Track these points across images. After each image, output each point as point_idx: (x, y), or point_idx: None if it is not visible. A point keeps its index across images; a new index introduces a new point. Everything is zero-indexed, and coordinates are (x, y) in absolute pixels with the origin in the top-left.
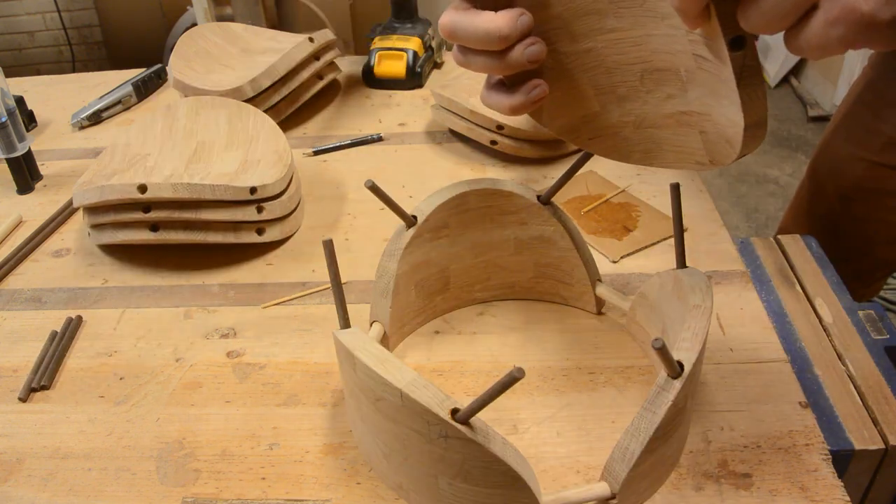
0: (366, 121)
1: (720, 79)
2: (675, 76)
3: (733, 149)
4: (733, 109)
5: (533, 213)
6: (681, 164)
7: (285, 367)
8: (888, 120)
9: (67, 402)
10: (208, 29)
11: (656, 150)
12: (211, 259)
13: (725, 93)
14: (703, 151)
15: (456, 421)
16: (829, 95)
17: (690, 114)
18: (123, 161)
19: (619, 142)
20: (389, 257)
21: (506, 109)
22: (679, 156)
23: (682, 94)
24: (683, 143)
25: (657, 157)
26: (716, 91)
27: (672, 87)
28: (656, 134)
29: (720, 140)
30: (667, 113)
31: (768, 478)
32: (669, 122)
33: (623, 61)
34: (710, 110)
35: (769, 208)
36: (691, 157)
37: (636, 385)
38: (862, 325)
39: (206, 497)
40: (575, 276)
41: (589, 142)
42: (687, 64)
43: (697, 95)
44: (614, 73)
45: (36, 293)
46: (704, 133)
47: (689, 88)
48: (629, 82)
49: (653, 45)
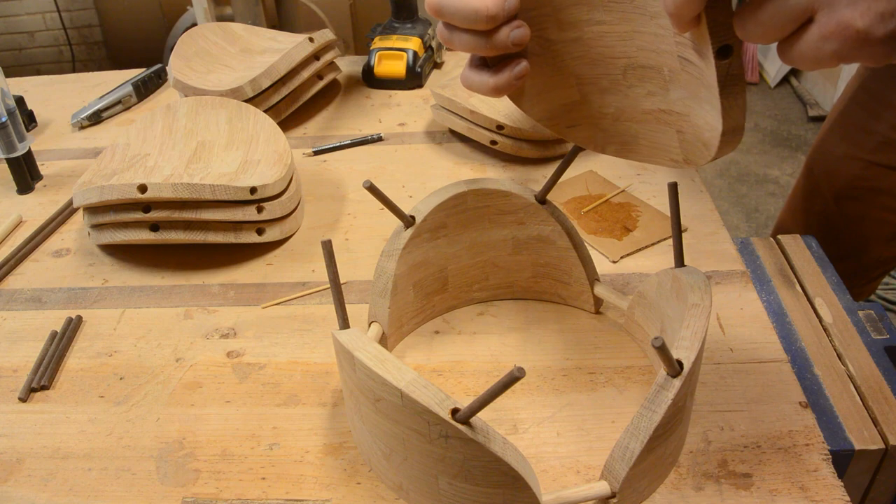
0: (366, 121)
1: (703, 84)
2: (658, 74)
3: (709, 151)
4: (713, 114)
5: (531, 212)
6: (655, 160)
7: (285, 367)
8: (882, 119)
9: (67, 402)
10: (208, 29)
11: (632, 144)
12: (211, 259)
13: (707, 98)
14: (678, 150)
15: (456, 421)
16: (829, 95)
17: (670, 112)
18: (123, 161)
19: (597, 132)
20: (388, 257)
21: (488, 90)
22: (655, 151)
23: (664, 92)
24: (659, 139)
25: (633, 151)
26: (697, 95)
27: (654, 84)
28: (634, 128)
29: (696, 142)
30: (646, 109)
31: (768, 478)
32: (648, 118)
33: (608, 54)
34: (690, 111)
35: (769, 208)
36: (666, 155)
37: (636, 385)
38: (862, 325)
39: (206, 497)
40: (573, 276)
41: (567, 130)
42: (671, 65)
43: (679, 96)
44: (598, 65)
45: (36, 293)
46: (681, 133)
47: (670, 88)
48: (612, 75)
49: (639, 42)
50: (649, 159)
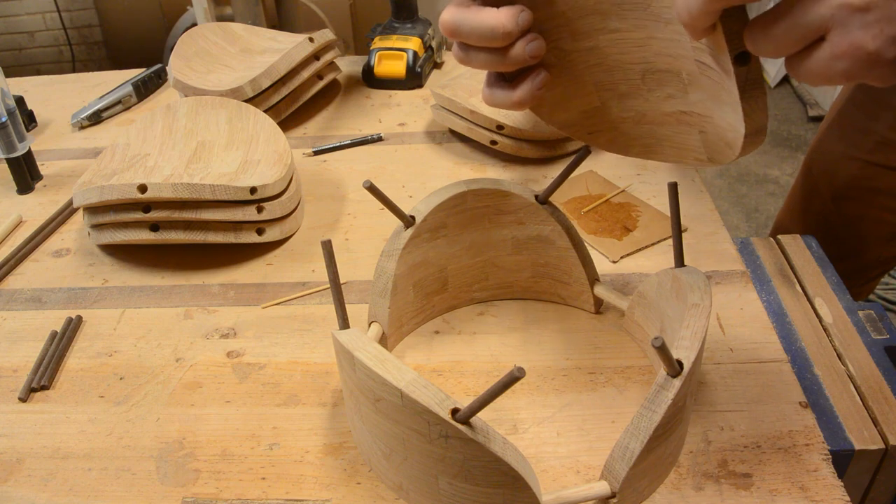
0: (366, 121)
1: (723, 87)
2: (676, 78)
3: (732, 151)
4: (735, 117)
5: (531, 212)
6: (680, 160)
7: (285, 367)
8: (880, 119)
9: (67, 402)
10: (208, 29)
11: (656, 146)
12: (211, 259)
13: (727, 101)
14: (702, 149)
15: (456, 421)
16: (829, 95)
17: (691, 114)
18: (123, 161)
19: (619, 136)
20: (388, 257)
21: (510, 104)
22: (678, 152)
23: (683, 95)
24: (683, 140)
25: (657, 152)
26: (717, 97)
27: (673, 87)
28: (656, 130)
29: (719, 142)
30: (667, 111)
31: (768, 478)
32: (669, 119)
33: (625, 60)
34: (711, 113)
35: (769, 208)
36: (690, 154)
37: (636, 385)
38: (862, 325)
39: (206, 497)
40: (573, 276)
41: (588, 136)
42: (689, 68)
43: (699, 98)
44: (615, 72)
45: (36, 293)
46: (704, 133)
47: (690, 91)
48: (630, 80)
49: (655, 48)
50: (674, 159)
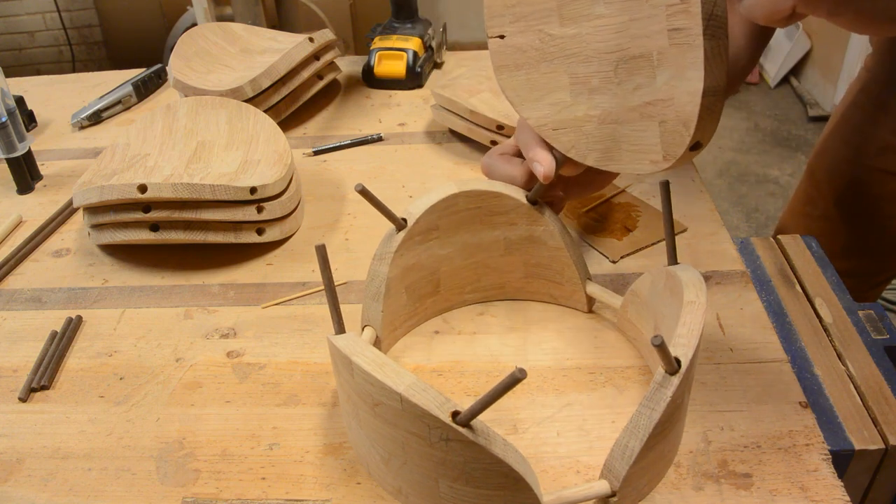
0: (366, 121)
1: (690, 48)
2: (647, 63)
3: (687, 130)
4: (696, 79)
5: (522, 213)
6: (634, 165)
7: (285, 367)
8: (883, 125)
9: (67, 402)
10: (208, 29)
11: (614, 150)
12: (211, 259)
13: (692, 62)
14: (658, 147)
15: (457, 423)
16: (829, 95)
17: (654, 103)
18: (123, 161)
19: (581, 137)
20: (380, 261)
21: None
22: (635, 155)
23: (651, 81)
24: (641, 139)
25: (613, 158)
26: (682, 66)
27: (642, 75)
28: (617, 130)
29: (678, 126)
30: (632, 106)
31: (768, 478)
32: (633, 115)
33: (602, 49)
34: (674, 92)
35: (769, 208)
36: (647, 156)
37: (636, 384)
38: (862, 325)
39: (206, 497)
40: (565, 276)
41: (552, 133)
42: (661, 45)
43: (665, 79)
44: (592, 62)
45: (36, 293)
46: (664, 123)
47: (657, 74)
48: (603, 72)
49: (633, 31)
50: (629, 165)
